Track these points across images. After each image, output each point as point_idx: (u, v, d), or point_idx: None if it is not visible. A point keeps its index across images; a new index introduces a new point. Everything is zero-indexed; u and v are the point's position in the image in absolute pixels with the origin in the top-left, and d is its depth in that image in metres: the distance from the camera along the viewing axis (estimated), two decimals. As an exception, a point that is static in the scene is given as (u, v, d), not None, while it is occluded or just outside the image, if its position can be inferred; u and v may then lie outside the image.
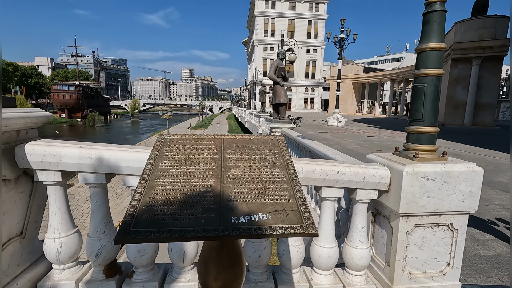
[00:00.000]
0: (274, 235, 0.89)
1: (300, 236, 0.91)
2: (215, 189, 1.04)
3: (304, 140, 5.08)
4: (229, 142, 1.32)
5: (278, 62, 8.44)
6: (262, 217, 0.93)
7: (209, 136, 1.36)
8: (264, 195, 1.04)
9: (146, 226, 0.87)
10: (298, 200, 1.03)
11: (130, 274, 1.90)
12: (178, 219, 0.90)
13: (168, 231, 0.85)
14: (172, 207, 0.95)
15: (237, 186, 1.07)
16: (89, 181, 1.75)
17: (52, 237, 1.77)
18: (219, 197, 1.01)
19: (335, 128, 21.69)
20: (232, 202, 0.99)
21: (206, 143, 1.31)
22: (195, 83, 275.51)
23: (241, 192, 1.04)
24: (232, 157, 1.22)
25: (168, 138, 1.32)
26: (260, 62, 57.20)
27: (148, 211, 0.93)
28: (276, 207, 0.99)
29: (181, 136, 1.34)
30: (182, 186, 1.04)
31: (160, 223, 0.88)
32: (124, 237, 0.83)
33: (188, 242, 1.87)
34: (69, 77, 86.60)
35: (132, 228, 0.86)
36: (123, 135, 48.16)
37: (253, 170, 1.16)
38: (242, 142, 1.33)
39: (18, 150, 1.66)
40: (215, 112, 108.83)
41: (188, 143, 1.30)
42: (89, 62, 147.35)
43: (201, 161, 1.19)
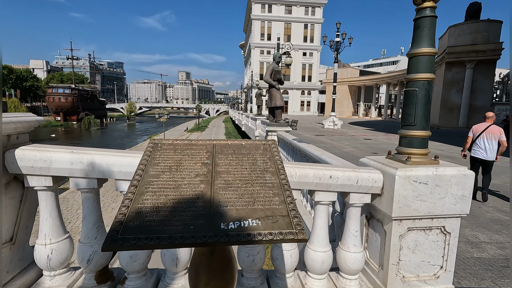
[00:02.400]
0: (264, 241, 0.89)
1: (289, 242, 0.91)
2: (205, 195, 1.04)
3: (299, 143, 5.09)
4: (221, 147, 1.32)
5: (274, 66, 8.47)
6: (251, 223, 0.93)
7: (201, 141, 1.36)
8: (254, 200, 1.04)
9: (135, 233, 0.86)
10: (289, 206, 1.03)
11: (123, 280, 1.88)
12: (167, 225, 0.90)
13: (156, 238, 0.85)
14: (162, 214, 0.94)
15: (227, 192, 1.06)
16: (81, 186, 1.74)
17: (43, 243, 1.75)
18: (209, 203, 1.00)
19: (331, 130, 21.78)
20: (222, 208, 0.99)
21: (198, 148, 1.31)
22: (191, 86, 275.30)
23: (231, 197, 1.04)
24: (224, 162, 1.22)
25: (159, 143, 1.31)
26: (256, 65, 57.40)
27: (137, 217, 0.92)
28: (266, 212, 0.99)
29: (173, 141, 1.34)
30: (172, 192, 1.04)
31: (149, 229, 0.87)
32: (111, 244, 0.82)
33: (181, 249, 1.85)
34: (64, 80, 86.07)
35: (120, 235, 0.85)
36: (119, 138, 47.86)
37: (244, 175, 1.16)
38: (234, 147, 1.33)
39: (9, 155, 1.64)
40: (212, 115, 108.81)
41: (179, 148, 1.29)
42: (85, 65, 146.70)
43: (192, 166, 1.18)
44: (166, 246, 0.85)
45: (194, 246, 0.90)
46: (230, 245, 0.91)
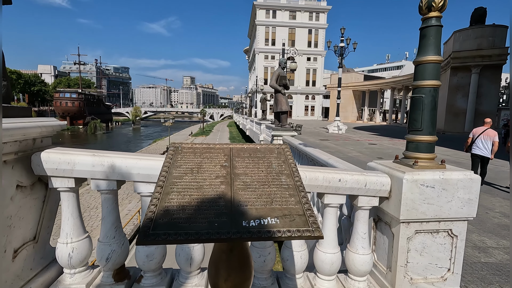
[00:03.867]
0: (283, 238, 0.96)
1: (306, 238, 0.98)
2: (226, 195, 1.11)
3: (306, 148, 5.15)
4: (237, 151, 1.40)
5: (280, 71, 8.58)
6: (271, 221, 1.00)
7: (218, 145, 1.44)
8: (272, 200, 1.11)
9: (164, 229, 0.93)
10: (304, 206, 1.10)
11: (139, 278, 1.95)
12: (193, 222, 0.97)
13: (184, 233, 0.92)
14: (187, 212, 1.02)
15: (246, 192, 1.14)
16: (101, 188, 1.82)
17: (64, 241, 1.84)
18: (230, 202, 1.08)
19: (335, 135, 21.78)
20: (242, 207, 1.06)
21: (216, 151, 1.39)
22: (196, 91, 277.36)
23: (250, 198, 1.11)
24: (241, 165, 1.29)
25: (179, 146, 1.40)
26: (261, 70, 57.75)
27: (165, 215, 1.00)
28: (284, 212, 1.06)
29: (192, 145, 1.42)
30: (195, 192, 1.11)
31: (177, 226, 0.95)
32: (145, 239, 0.89)
33: (195, 248, 1.93)
34: (71, 85, 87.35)
35: (151, 230, 0.92)
36: (124, 143, 48.32)
37: (261, 177, 1.23)
38: (249, 151, 1.41)
39: (35, 158, 1.74)
40: (216, 119, 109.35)
41: (198, 151, 1.37)
42: (91, 70, 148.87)
43: (211, 168, 1.26)
44: (193, 241, 0.92)
45: (219, 242, 0.97)
46: (252, 241, 0.98)
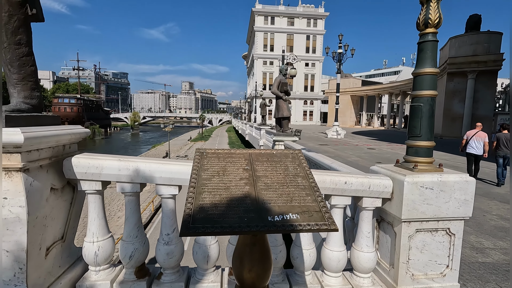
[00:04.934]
0: (304, 230, 1.11)
1: (324, 231, 1.13)
2: (251, 195, 1.26)
3: (309, 152, 5.31)
4: (256, 156, 1.56)
5: (281, 78, 8.79)
6: (292, 217, 1.15)
7: (238, 151, 1.59)
8: (291, 199, 1.26)
9: (202, 223, 1.08)
10: (320, 204, 1.25)
11: (158, 275, 2.08)
12: (226, 217, 1.12)
13: (220, 226, 1.07)
14: (219, 209, 1.17)
15: (268, 192, 1.29)
16: (126, 190, 1.97)
17: (91, 240, 1.97)
18: (255, 201, 1.23)
19: (334, 140, 21.98)
20: (266, 204, 1.21)
21: (237, 156, 1.54)
22: (195, 96, 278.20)
23: (272, 197, 1.26)
24: (261, 168, 1.45)
25: (204, 152, 1.55)
26: (260, 75, 58.24)
27: (200, 211, 1.15)
28: (303, 208, 1.21)
29: (215, 150, 1.57)
30: (224, 192, 1.26)
31: (212, 220, 1.10)
32: (186, 231, 1.04)
33: (211, 246, 2.07)
34: (70, 90, 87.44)
35: (191, 224, 1.07)
36: (123, 148, 48.32)
37: (280, 179, 1.39)
38: (267, 156, 1.57)
39: (66, 163, 1.89)
40: (215, 124, 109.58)
41: (222, 156, 1.53)
42: (90, 76, 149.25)
43: (235, 171, 1.41)
44: (228, 233, 1.07)
45: (250, 234, 1.12)
46: (279, 233, 1.13)
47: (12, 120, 1.60)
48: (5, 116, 1.56)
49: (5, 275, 1.62)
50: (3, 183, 1.54)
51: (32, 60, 1.89)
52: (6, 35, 1.73)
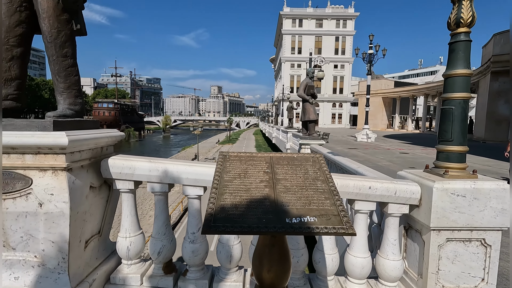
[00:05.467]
0: (321, 233, 1.12)
1: (341, 235, 1.14)
2: (270, 197, 1.30)
3: (335, 156, 5.22)
4: (277, 159, 1.59)
5: (308, 81, 8.74)
6: (310, 219, 1.17)
7: (260, 154, 1.64)
8: (310, 202, 1.28)
9: (222, 222, 1.15)
10: (338, 207, 1.26)
11: (184, 272, 2.19)
12: (245, 218, 1.17)
13: (239, 226, 1.13)
14: (239, 209, 1.22)
15: (287, 195, 1.32)
16: (155, 190, 2.10)
17: (124, 236, 2.13)
18: (274, 203, 1.27)
19: (364, 144, 21.25)
20: (285, 207, 1.25)
21: (258, 159, 1.59)
22: (223, 100, 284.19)
23: (291, 199, 1.29)
24: (281, 171, 1.49)
25: (227, 155, 1.62)
26: (287, 78, 58.06)
27: (221, 211, 1.21)
28: (321, 212, 1.22)
29: (237, 154, 1.64)
30: (244, 194, 1.32)
31: (232, 220, 1.16)
32: (208, 229, 1.11)
33: (234, 246, 2.13)
34: (108, 96, 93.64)
35: (212, 223, 1.14)
36: (155, 150, 50.56)
37: (299, 182, 1.41)
38: (287, 159, 1.60)
39: (103, 163, 2.06)
40: (242, 127, 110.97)
41: (243, 159, 1.59)
42: (126, 82, 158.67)
43: (256, 174, 1.46)
44: (247, 233, 1.12)
45: (267, 234, 1.16)
46: (295, 234, 1.16)
47: (58, 124, 1.79)
48: (53, 121, 1.76)
49: (51, 264, 1.81)
50: (50, 181, 1.73)
51: (76, 70, 2.09)
52: (54, 49, 1.94)
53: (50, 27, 1.89)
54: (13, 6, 1.84)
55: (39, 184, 1.72)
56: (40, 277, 1.81)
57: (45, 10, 1.86)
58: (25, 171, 1.73)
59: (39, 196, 1.71)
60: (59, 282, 1.81)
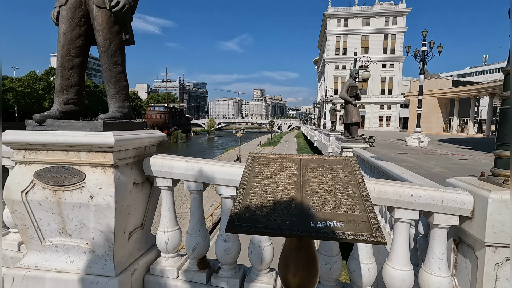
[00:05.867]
0: (347, 240, 1.07)
1: (369, 243, 1.07)
2: (296, 199, 1.28)
3: (377, 161, 4.91)
4: (307, 161, 1.56)
5: (351, 82, 8.39)
6: (336, 224, 1.13)
7: (289, 156, 1.62)
8: (337, 207, 1.23)
9: (246, 222, 1.16)
10: (369, 214, 1.18)
11: (217, 269, 2.25)
12: (269, 219, 1.17)
13: (262, 227, 1.13)
14: (264, 210, 1.22)
15: (314, 198, 1.29)
16: (191, 188, 2.20)
17: (163, 230, 2.27)
18: (299, 205, 1.24)
19: (415, 148, 19.61)
20: (310, 210, 1.21)
21: (287, 161, 1.58)
22: (265, 102, 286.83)
23: (318, 203, 1.26)
24: (310, 174, 1.45)
25: (257, 156, 1.63)
26: (331, 80, 56.39)
27: (246, 211, 1.22)
28: (349, 217, 1.17)
29: (267, 155, 1.64)
30: (270, 195, 1.32)
31: (256, 221, 1.16)
32: (232, 228, 1.13)
33: (265, 248, 2.13)
34: (160, 100, 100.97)
35: (236, 222, 1.16)
36: (199, 152, 52.92)
37: (328, 185, 1.36)
38: (318, 162, 1.56)
39: (146, 161, 2.23)
40: (284, 130, 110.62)
41: (272, 160, 1.58)
42: (176, 86, 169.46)
43: (284, 175, 1.45)
44: (269, 234, 1.12)
45: (290, 237, 1.15)
46: (319, 239, 1.12)
47: (108, 125, 1.98)
48: (103, 122, 1.95)
49: (99, 251, 2.00)
50: (99, 176, 1.92)
51: (125, 76, 2.30)
52: (106, 58, 2.16)
53: (104, 38, 2.11)
54: (74, 22, 2.09)
55: (91, 179, 1.93)
56: (90, 262, 2.02)
57: (100, 23, 2.08)
58: (80, 166, 1.95)
59: (90, 189, 1.92)
60: (105, 269, 2.00)
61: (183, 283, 2.18)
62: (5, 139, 1.96)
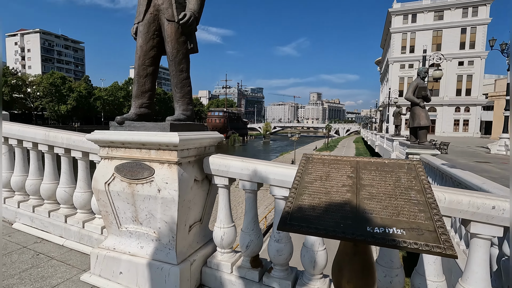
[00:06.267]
0: (408, 249, 0.99)
1: (436, 254, 0.96)
2: (352, 202, 1.23)
3: (450, 169, 4.34)
4: (364, 164, 1.48)
5: (418, 82, 7.61)
6: (396, 231, 1.05)
7: (345, 157, 1.57)
8: (398, 213, 1.14)
9: (298, 222, 1.16)
10: (436, 223, 1.07)
11: (269, 269, 2.27)
12: (322, 220, 1.15)
13: (314, 228, 1.11)
14: (317, 211, 1.20)
15: (371, 202, 1.22)
16: (246, 188, 2.28)
17: (219, 226, 2.39)
18: (355, 209, 1.19)
19: (501, 157, 16.75)
20: (367, 214, 1.15)
21: (343, 163, 1.52)
22: (322, 106, 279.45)
23: (375, 207, 1.18)
24: (367, 177, 1.38)
25: (310, 157, 1.62)
26: (395, 81, 52.08)
27: (298, 211, 1.22)
28: (411, 225, 1.07)
29: (321, 156, 1.61)
30: (323, 196, 1.29)
31: (308, 221, 1.15)
32: (284, 226, 1.15)
33: (319, 252, 2.08)
34: (219, 105, 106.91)
35: (288, 221, 1.17)
36: (254, 155, 54.07)
37: (388, 190, 1.27)
38: (376, 164, 1.47)
39: (205, 160, 2.39)
40: (342, 134, 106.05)
41: (327, 162, 1.55)
42: (234, 92, 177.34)
43: (338, 178, 1.40)
44: (321, 235, 1.10)
45: (343, 240, 1.11)
46: (376, 245, 1.06)
47: (173, 126, 2.19)
48: (170, 124, 2.17)
49: (164, 240, 2.21)
50: (166, 172, 2.13)
51: (189, 82, 2.51)
52: (174, 65, 2.39)
53: (172, 48, 2.35)
54: (148, 35, 2.38)
55: (159, 174, 2.15)
56: (156, 250, 2.24)
57: (169, 35, 2.33)
58: (150, 163, 2.19)
59: (158, 183, 2.14)
60: (169, 256, 2.19)
61: (237, 279, 2.26)
62: (94, 137, 2.32)
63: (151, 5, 2.37)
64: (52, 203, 3.27)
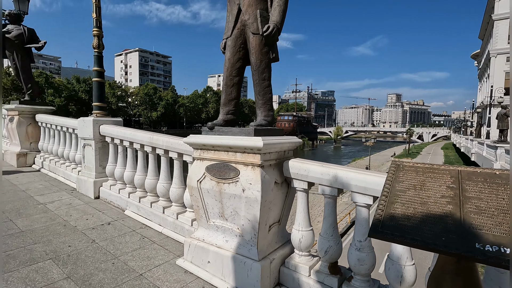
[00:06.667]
0: (532, 273, 0.87)
1: None
2: (454, 215, 1.13)
3: None
4: (468, 174, 1.34)
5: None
6: (514, 252, 0.93)
7: (443, 166, 1.44)
8: (517, 231, 1.00)
9: (391, 230, 1.13)
10: None
11: (349, 278, 2.21)
12: (419, 231, 1.09)
13: (410, 238, 1.07)
14: (412, 221, 1.15)
15: (480, 217, 1.10)
16: (326, 193, 2.28)
17: (297, 229, 2.45)
18: (459, 222, 1.09)
19: None
20: (475, 230, 1.05)
21: (440, 172, 1.40)
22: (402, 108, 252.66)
23: (486, 223, 1.06)
24: (473, 189, 1.24)
25: (401, 164, 1.54)
26: (499, 76, 43.53)
27: (390, 220, 1.19)
28: (535, 247, 0.93)
29: (413, 164, 1.51)
30: (419, 207, 1.22)
31: (403, 230, 1.11)
32: (374, 233, 1.13)
33: (406, 268, 1.93)
34: (289, 109, 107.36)
35: (380, 228, 1.15)
36: (325, 159, 52.28)
37: (502, 205, 1.13)
38: (484, 175, 1.30)
39: (285, 164, 2.48)
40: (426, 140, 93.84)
41: (421, 170, 1.45)
42: (304, 96, 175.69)
43: (436, 188, 1.30)
44: (419, 247, 1.05)
45: (445, 254, 1.03)
46: (488, 265, 0.95)
47: (257, 131, 2.35)
48: (254, 129, 2.34)
49: (246, 236, 2.39)
50: (249, 173, 2.30)
51: (270, 90, 2.66)
52: (257, 75, 2.56)
53: (256, 59, 2.53)
54: (235, 49, 2.62)
55: (243, 175, 2.34)
56: (240, 245, 2.43)
57: (254, 47, 2.52)
58: (236, 164, 2.40)
59: (242, 184, 2.32)
60: (251, 252, 2.35)
61: (315, 283, 2.27)
62: (189, 141, 2.66)
63: (238, 21, 2.60)
64: (153, 195, 3.85)
